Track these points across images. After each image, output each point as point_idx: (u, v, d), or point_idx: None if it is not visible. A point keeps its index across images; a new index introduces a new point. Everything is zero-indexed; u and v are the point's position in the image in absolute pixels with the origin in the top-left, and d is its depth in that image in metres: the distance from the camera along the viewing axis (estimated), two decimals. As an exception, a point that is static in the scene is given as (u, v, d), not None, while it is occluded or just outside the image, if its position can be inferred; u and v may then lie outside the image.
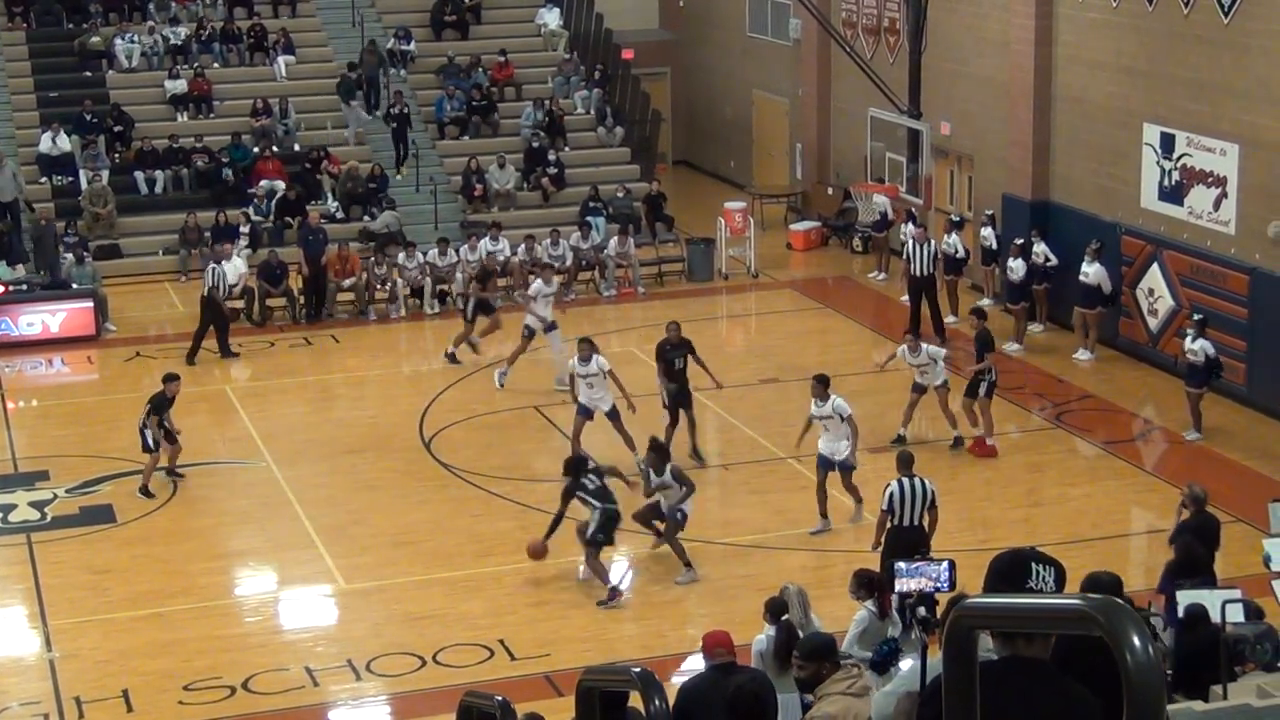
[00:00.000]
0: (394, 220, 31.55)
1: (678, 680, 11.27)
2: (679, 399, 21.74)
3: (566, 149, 34.76)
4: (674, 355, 21.86)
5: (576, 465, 18.47)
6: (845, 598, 14.43)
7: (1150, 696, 3.60)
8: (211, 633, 17.45)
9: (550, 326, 24.67)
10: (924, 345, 22.44)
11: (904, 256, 27.67)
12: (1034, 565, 4.68)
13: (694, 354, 21.83)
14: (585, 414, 21.49)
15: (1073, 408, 23.96)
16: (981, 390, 22.13)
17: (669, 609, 17.97)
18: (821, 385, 19.61)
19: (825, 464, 19.56)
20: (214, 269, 27.12)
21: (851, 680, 9.36)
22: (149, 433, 21.14)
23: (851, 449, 19.50)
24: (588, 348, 21.49)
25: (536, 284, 25.03)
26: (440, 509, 20.68)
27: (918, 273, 27.02)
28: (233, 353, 26.70)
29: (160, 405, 21.37)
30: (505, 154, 33.70)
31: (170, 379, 21.84)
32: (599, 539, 18.00)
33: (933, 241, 27.11)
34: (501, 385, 24.68)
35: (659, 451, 18.77)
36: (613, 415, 21.46)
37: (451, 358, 26.05)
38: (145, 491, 21.14)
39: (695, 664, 12.64)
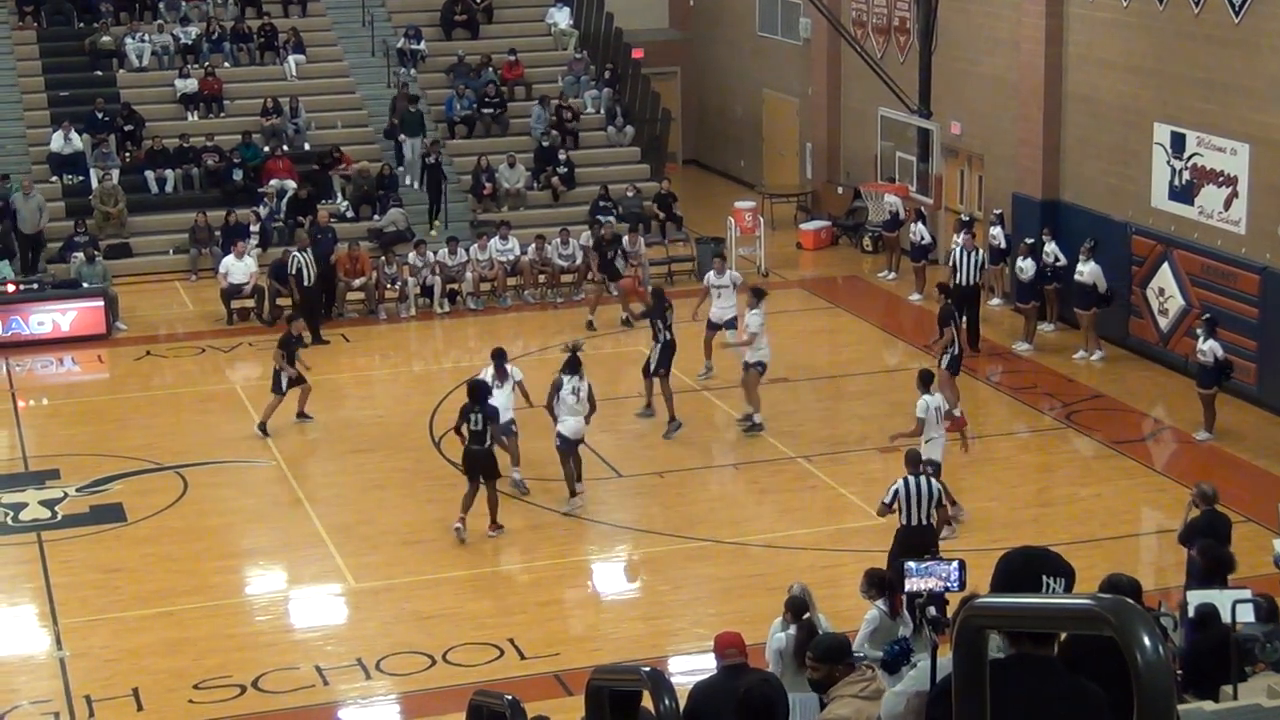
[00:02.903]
0: (401, 218, 31.58)
1: (687, 680, 11.25)
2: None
3: (576, 149, 34.75)
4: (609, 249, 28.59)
5: (483, 391, 19.63)
6: (854, 596, 14.44)
7: (1160, 696, 3.61)
8: (221, 631, 17.47)
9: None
10: (728, 270, 24.80)
11: (950, 264, 27.18)
12: (1045, 579, 4.67)
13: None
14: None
15: (1082, 408, 23.94)
16: (944, 363, 22.17)
17: (679, 608, 17.98)
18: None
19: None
20: (294, 256, 27.77)
21: (865, 683, 9.33)
22: (283, 375, 23.03)
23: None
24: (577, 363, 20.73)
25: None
26: (449, 508, 20.61)
27: (963, 282, 26.21)
28: (322, 340, 27.21)
29: (288, 344, 23.23)
30: (515, 153, 33.71)
31: (292, 319, 24.36)
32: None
33: (979, 250, 26.73)
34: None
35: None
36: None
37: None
38: (263, 429, 23.00)
39: (706, 663, 12.64)
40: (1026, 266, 26.47)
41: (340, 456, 22.76)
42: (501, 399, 20.52)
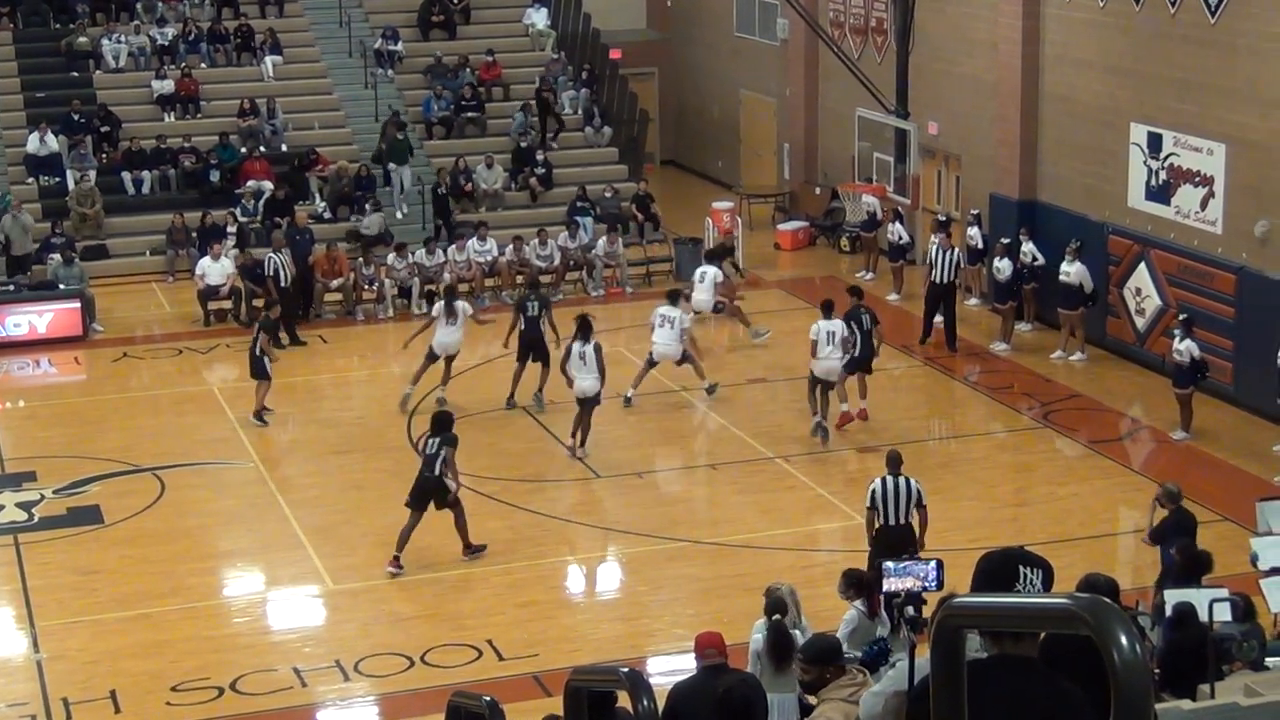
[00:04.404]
0: (379, 221, 31.53)
1: (666, 681, 11.26)
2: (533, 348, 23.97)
3: (556, 148, 34.74)
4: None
5: (445, 422, 19.10)
6: (833, 597, 14.44)
7: (1138, 695, 3.61)
8: (199, 633, 17.42)
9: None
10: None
11: (926, 262, 27.42)
12: (1022, 568, 4.68)
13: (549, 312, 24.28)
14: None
15: (1060, 407, 23.98)
16: (844, 363, 22.59)
17: (657, 609, 17.98)
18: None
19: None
20: (271, 258, 27.70)
21: (855, 688, 9.34)
22: (266, 359, 23.28)
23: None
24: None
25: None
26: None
27: (939, 279, 26.46)
28: (300, 341, 27.36)
29: (271, 327, 23.92)
30: (493, 154, 33.69)
31: (271, 305, 25.31)
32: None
33: (955, 249, 26.83)
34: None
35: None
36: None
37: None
38: (260, 417, 23.37)
39: (684, 664, 12.66)
40: (1003, 266, 26.51)
41: (318, 458, 22.71)
42: (455, 334, 23.70)
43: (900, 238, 29.22)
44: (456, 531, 18.86)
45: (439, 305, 24.28)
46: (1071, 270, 25.34)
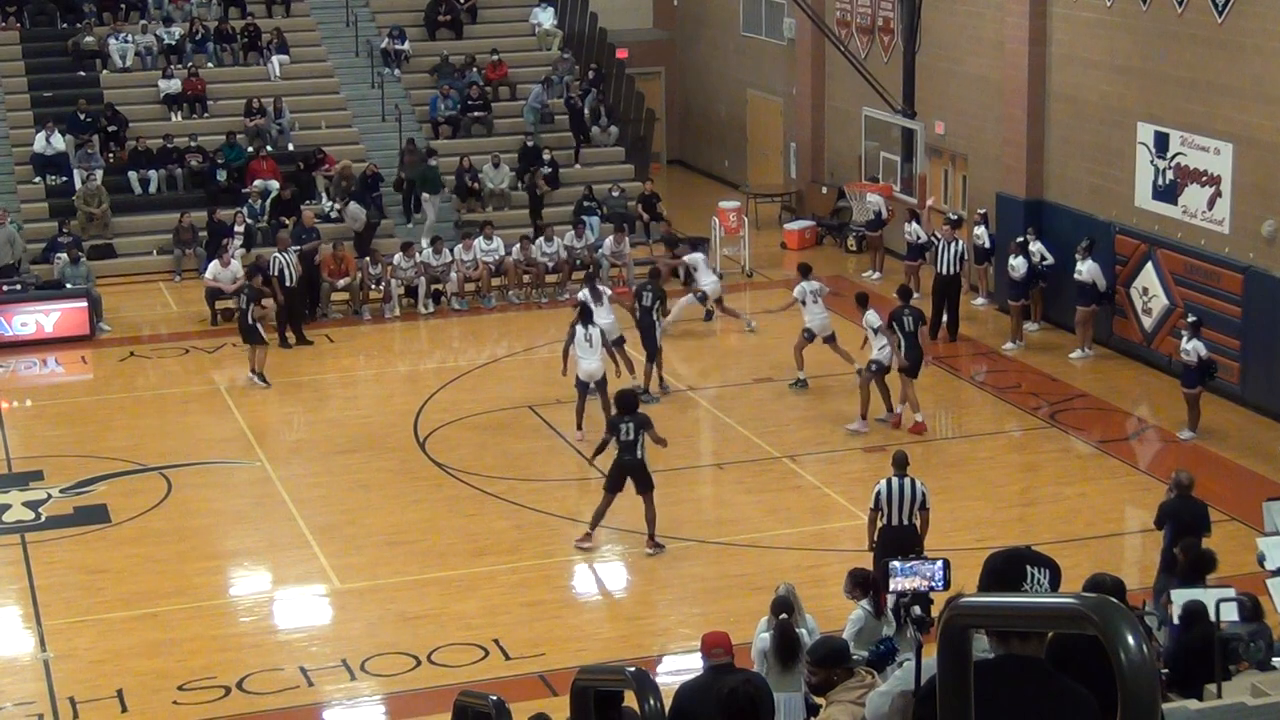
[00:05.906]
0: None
1: (672, 680, 11.26)
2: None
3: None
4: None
5: (632, 401, 19.21)
6: (838, 596, 14.44)
7: (1145, 695, 3.60)
8: (206, 633, 17.44)
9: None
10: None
11: (932, 255, 27.60)
12: (1029, 568, 4.67)
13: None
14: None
15: (1067, 407, 23.96)
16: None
17: (663, 608, 17.98)
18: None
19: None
20: (275, 258, 27.67)
21: (863, 690, 9.33)
22: (260, 325, 24.66)
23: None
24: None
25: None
26: (435, 509, 20.66)
27: (943, 271, 26.75)
28: (306, 340, 27.50)
29: (254, 296, 25.17)
30: (500, 153, 33.69)
31: (252, 274, 26.79)
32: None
33: (959, 241, 26.91)
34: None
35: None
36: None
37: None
38: (263, 378, 24.76)
39: (690, 663, 12.65)
40: (1018, 265, 26.43)
41: (325, 457, 22.71)
42: (607, 316, 23.52)
43: (918, 236, 29.14)
44: (647, 520, 18.95)
45: (584, 292, 24.23)
46: (1084, 268, 25.32)
